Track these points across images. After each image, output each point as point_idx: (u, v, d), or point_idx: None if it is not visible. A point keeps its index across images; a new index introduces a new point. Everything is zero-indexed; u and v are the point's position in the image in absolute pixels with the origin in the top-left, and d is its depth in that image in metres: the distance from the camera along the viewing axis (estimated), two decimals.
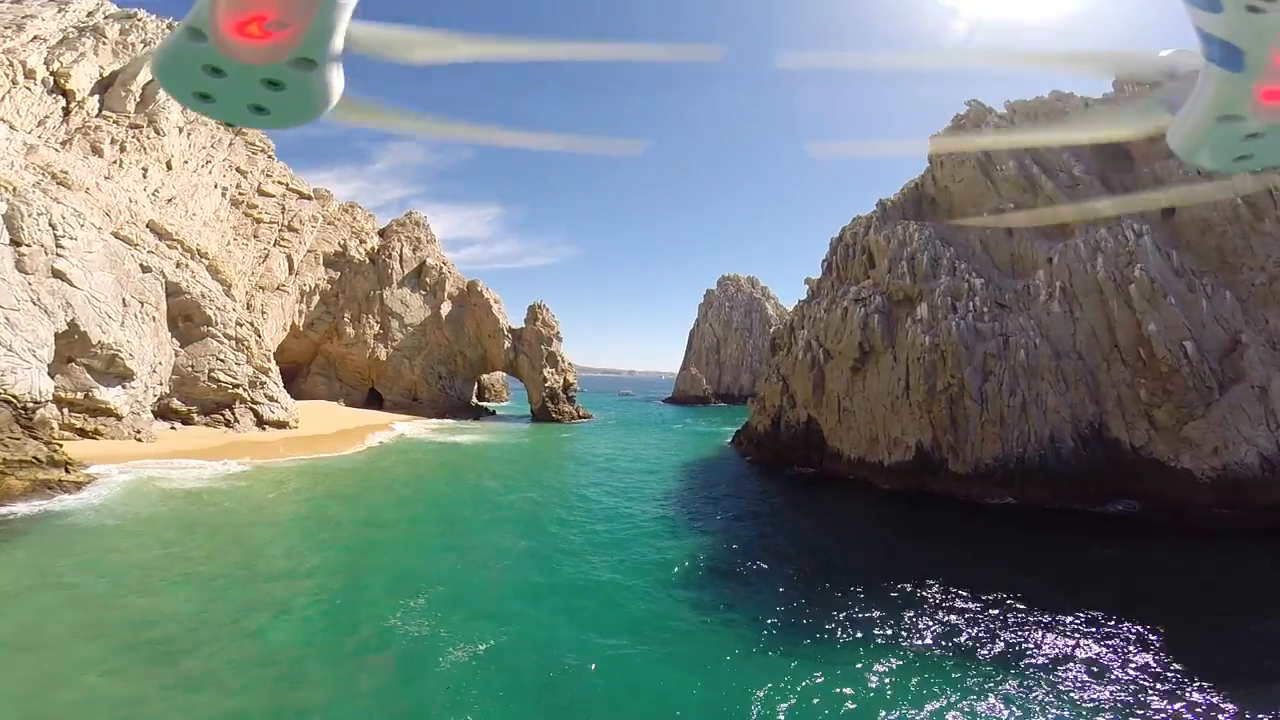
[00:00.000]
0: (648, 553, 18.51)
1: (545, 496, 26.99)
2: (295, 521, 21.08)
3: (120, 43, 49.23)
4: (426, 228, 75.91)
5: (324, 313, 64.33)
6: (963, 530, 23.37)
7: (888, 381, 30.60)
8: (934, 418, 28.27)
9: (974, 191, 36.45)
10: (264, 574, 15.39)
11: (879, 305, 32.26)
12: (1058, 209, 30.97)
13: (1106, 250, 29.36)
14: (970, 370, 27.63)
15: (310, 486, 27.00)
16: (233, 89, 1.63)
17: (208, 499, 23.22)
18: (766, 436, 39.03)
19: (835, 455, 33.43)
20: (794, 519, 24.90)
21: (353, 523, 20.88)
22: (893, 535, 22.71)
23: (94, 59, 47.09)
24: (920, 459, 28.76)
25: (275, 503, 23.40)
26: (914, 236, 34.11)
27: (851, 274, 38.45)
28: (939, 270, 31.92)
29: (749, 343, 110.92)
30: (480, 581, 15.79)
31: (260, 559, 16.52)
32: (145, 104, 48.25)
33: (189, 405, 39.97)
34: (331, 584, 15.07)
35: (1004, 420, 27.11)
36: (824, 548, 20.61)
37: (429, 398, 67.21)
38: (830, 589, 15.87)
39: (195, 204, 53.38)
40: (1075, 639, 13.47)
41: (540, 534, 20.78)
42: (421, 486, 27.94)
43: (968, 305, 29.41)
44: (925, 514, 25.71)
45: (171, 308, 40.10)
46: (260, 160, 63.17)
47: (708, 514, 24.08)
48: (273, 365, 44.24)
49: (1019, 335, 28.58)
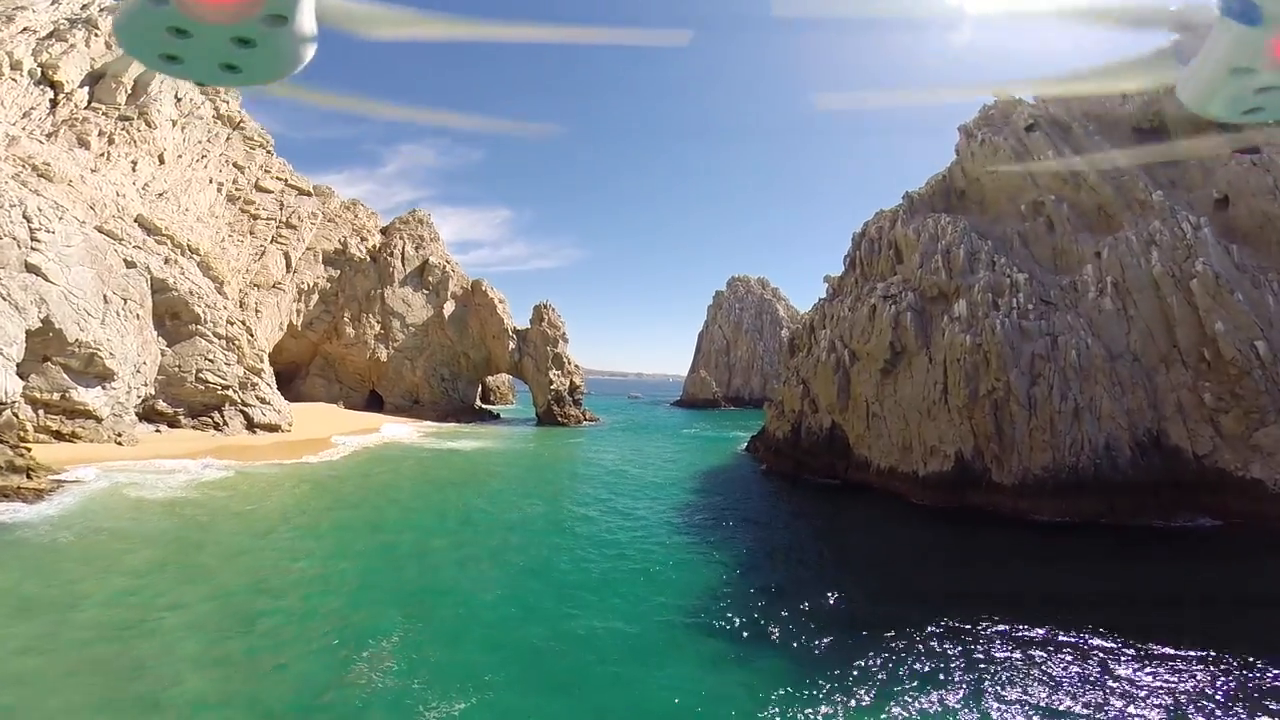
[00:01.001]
0: (664, 598, 15.46)
1: (539, 522, 22.94)
2: (243, 550, 18.73)
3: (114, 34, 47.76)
4: (430, 225, 74.02)
5: (323, 312, 62.43)
6: (1018, 550, 20.94)
7: (923, 385, 28.21)
8: (976, 424, 25.85)
9: (1010, 183, 34.05)
10: (182, 624, 12.43)
11: (911, 302, 29.88)
12: (1174, 145, 28.45)
13: (1162, 243, 26.93)
14: (1017, 373, 25.21)
15: (271, 497, 24.86)
16: (201, 49, 1.67)
17: (178, 510, 21.09)
18: (786, 443, 36.63)
19: (862, 464, 31.01)
20: (824, 541, 22.52)
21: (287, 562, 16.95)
22: (942, 559, 20.31)
23: (85, 51, 45.49)
24: (960, 469, 26.33)
25: (240, 519, 21.15)
26: (947, 229, 31.74)
27: (877, 270, 36.08)
28: (976, 265, 29.54)
29: (759, 345, 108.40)
30: (431, 666, 11.05)
31: (192, 596, 13.97)
32: (136, 96, 46.57)
33: (175, 407, 37.97)
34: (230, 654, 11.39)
35: (1054, 427, 24.66)
36: (864, 576, 18.27)
37: (431, 400, 65.15)
38: (881, 628, 13.51)
39: (188, 199, 51.58)
40: (1174, 681, 11.10)
41: (525, 580, 16.22)
42: (400, 505, 24.68)
43: (1011, 302, 27.01)
44: (971, 532, 23.28)
45: (157, 305, 38.16)
46: (258, 155, 61.45)
47: (729, 540, 21.64)
48: (265, 366, 42.23)
49: (1068, 335, 26.15)
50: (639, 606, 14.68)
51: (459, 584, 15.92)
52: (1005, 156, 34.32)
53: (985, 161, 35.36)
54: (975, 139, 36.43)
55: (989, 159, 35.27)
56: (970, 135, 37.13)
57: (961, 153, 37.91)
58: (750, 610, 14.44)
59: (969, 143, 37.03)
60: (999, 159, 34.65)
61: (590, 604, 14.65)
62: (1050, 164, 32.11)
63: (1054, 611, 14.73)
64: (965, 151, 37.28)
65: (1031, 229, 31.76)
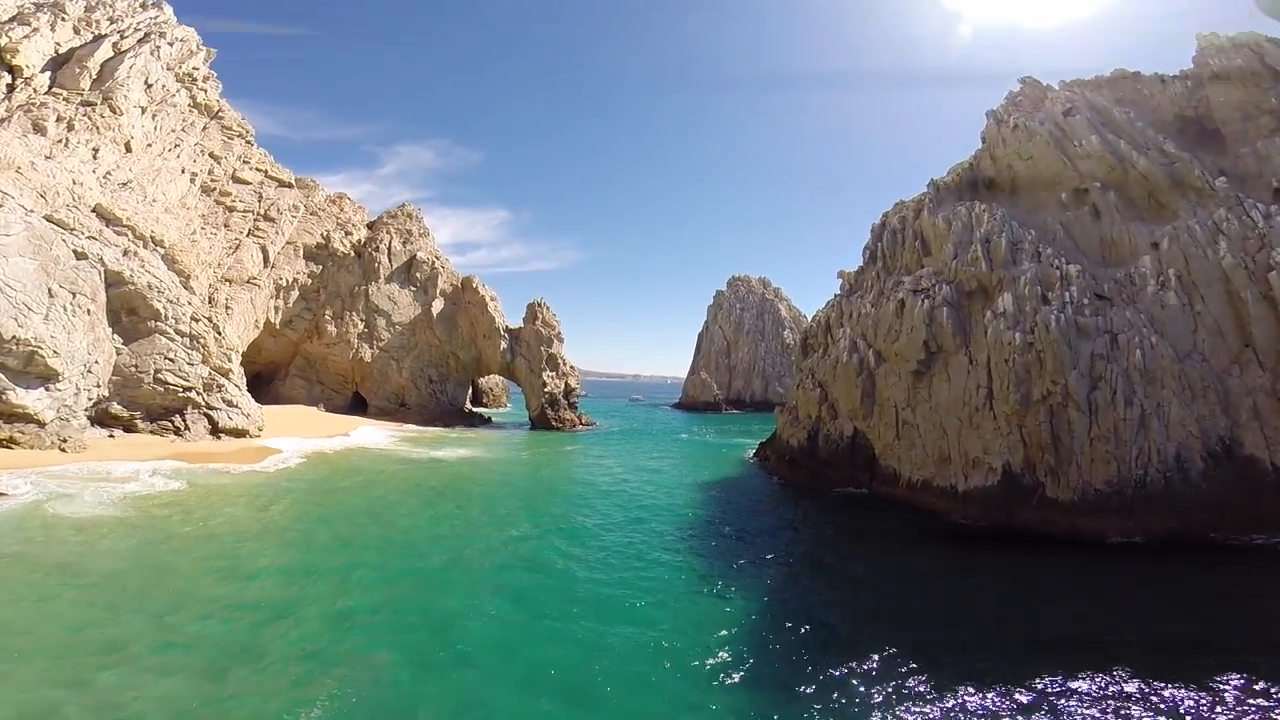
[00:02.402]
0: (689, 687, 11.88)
1: (513, 574, 16.96)
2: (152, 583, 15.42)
3: (84, 19, 44.43)
4: (420, 220, 70.64)
5: (303, 309, 58.92)
6: (1085, 578, 17.98)
7: (962, 388, 25.23)
8: (1028, 433, 22.87)
9: (1048, 170, 31.20)
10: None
11: (947, 296, 26.92)
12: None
13: (1231, 233, 24.10)
14: (1076, 375, 22.26)
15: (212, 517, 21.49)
16: None
17: (92, 531, 17.71)
18: (801, 452, 33.57)
19: (890, 477, 28.00)
20: (856, 572, 19.39)
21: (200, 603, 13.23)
22: (999, 591, 17.28)
23: (49, 35, 42.36)
24: (1007, 483, 23.34)
25: (162, 542, 17.80)
26: (983, 217, 28.84)
27: (902, 262, 33.15)
28: (1019, 256, 26.63)
29: (761, 346, 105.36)
30: None
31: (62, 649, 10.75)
32: (102, 81, 43.26)
33: (131, 410, 34.48)
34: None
35: (1119, 436, 21.74)
36: (909, 614, 15.16)
37: (418, 403, 61.74)
38: (941, 684, 10.44)
39: (157, 189, 48.05)
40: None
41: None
42: (321, 545, 18.53)
43: (1063, 296, 24.08)
44: (1026, 555, 20.28)
45: (112, 300, 34.70)
46: (237, 146, 58.01)
47: (747, 574, 18.53)
48: (234, 366, 38.76)
49: (1129, 332, 23.26)
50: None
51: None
52: (1042, 142, 31.50)
53: (1019, 148, 32.54)
54: (1007, 124, 33.60)
55: (1023, 145, 32.46)
56: (1001, 121, 34.30)
57: (990, 139, 35.07)
58: (789, 692, 11.32)
59: (999, 128, 34.19)
60: (1035, 145, 31.84)
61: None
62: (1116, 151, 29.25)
63: (1145, 658, 11.87)
64: (995, 137, 34.43)
65: (1075, 218, 28.91)
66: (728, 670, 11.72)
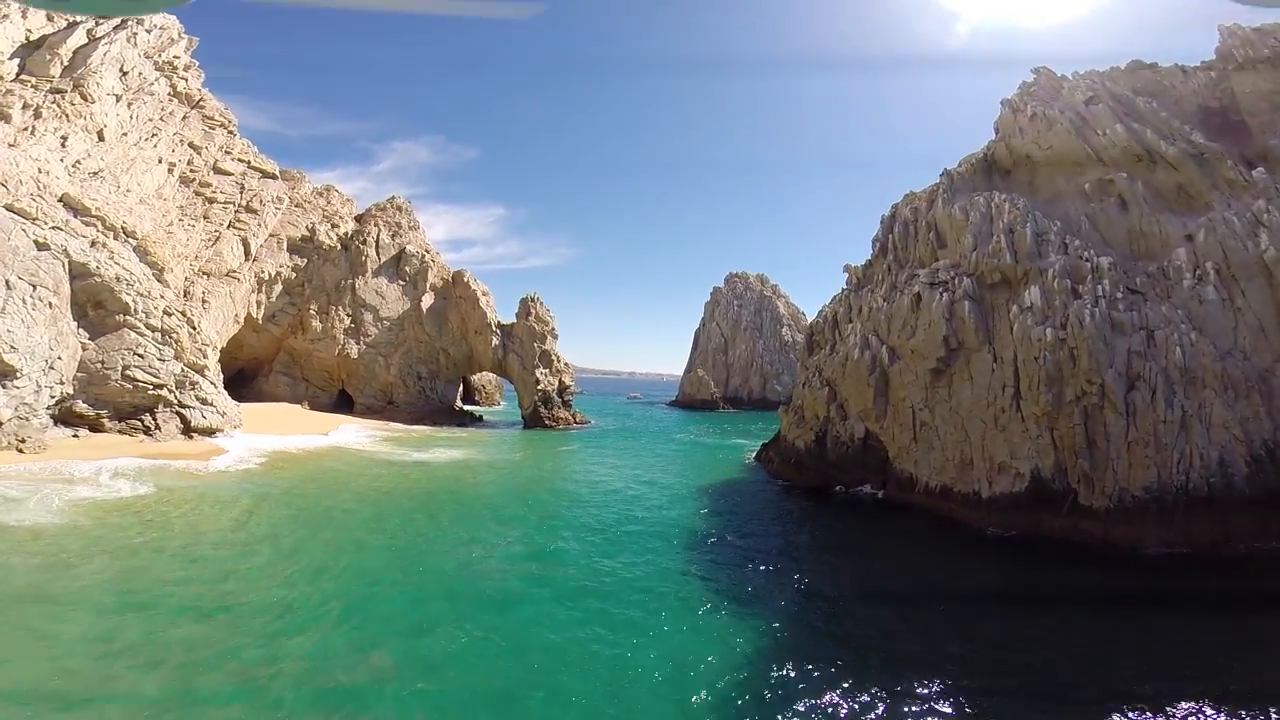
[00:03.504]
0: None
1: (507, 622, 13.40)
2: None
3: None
4: (409, 213, 68.47)
5: (287, 304, 56.71)
6: (1130, 594, 16.41)
7: (986, 388, 23.66)
8: (1060, 436, 21.33)
9: (1069, 160, 29.68)
10: None
11: (968, 289, 25.33)
12: None
13: (1272, 225, 22.66)
14: (1113, 374, 20.71)
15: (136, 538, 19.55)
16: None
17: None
18: (808, 455, 31.94)
19: (905, 481, 26.41)
20: (878, 589, 17.76)
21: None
22: (1045, 609, 15.62)
23: (19, 22, 40.39)
24: (1036, 490, 21.80)
25: (83, 561, 15.84)
26: (1004, 207, 27.28)
27: (915, 255, 31.56)
28: (1045, 247, 25.09)
29: (759, 343, 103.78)
30: None
31: None
32: (74, 68, 41.12)
33: (98, 409, 32.33)
34: None
35: (1159, 439, 20.23)
36: (944, 643, 13.51)
37: (406, 401, 59.69)
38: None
39: (131, 179, 45.77)
40: None
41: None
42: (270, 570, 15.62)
43: (1096, 290, 22.53)
44: (1061, 567, 18.72)
45: (78, 292, 32.52)
46: (218, 136, 55.73)
47: (761, 594, 16.85)
48: (209, 362, 36.67)
49: (1166, 329, 21.75)
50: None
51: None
52: (1063, 131, 29.98)
53: (1038, 136, 31.01)
54: (1024, 113, 32.08)
55: (1042, 134, 30.93)
56: (1017, 109, 32.76)
57: (1005, 128, 33.53)
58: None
59: (1015, 117, 32.66)
60: (1055, 134, 30.31)
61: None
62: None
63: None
64: (1011, 126, 32.88)
65: (1100, 209, 27.39)
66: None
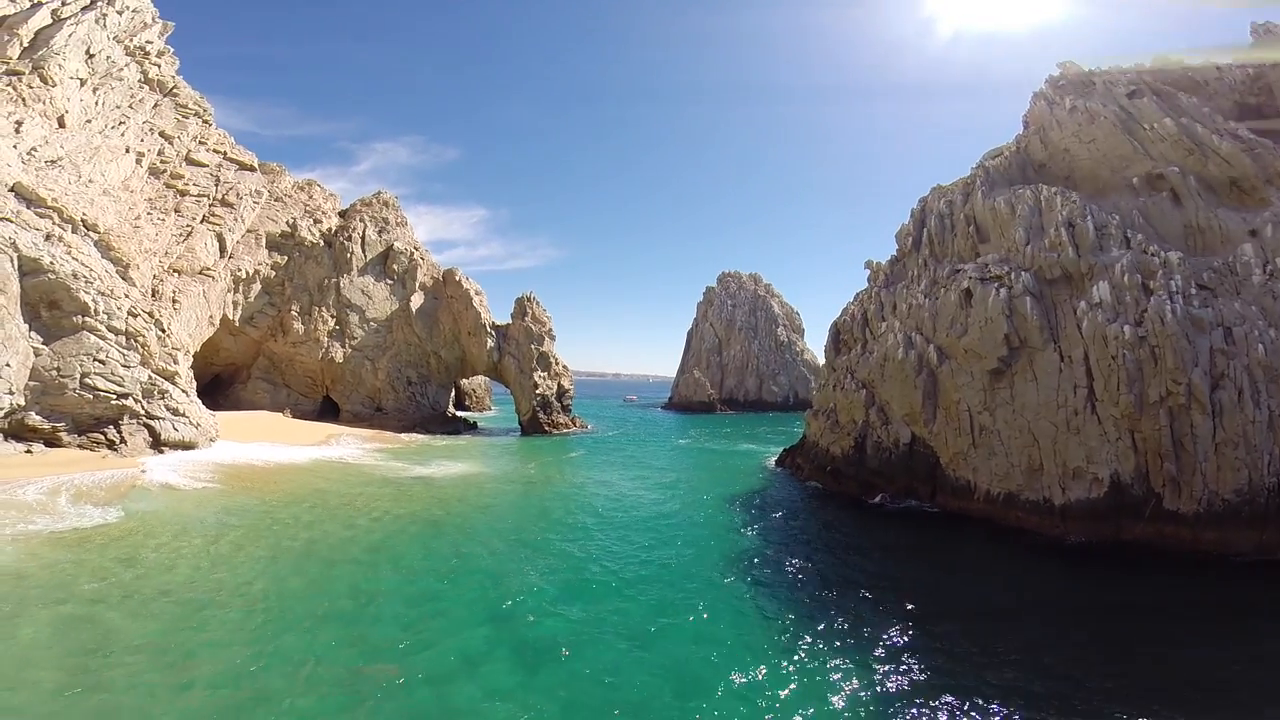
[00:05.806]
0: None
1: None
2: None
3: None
4: (397, 209, 64.98)
5: (266, 304, 52.88)
6: (1240, 603, 14.81)
7: (1054, 389, 22.08)
8: (1142, 438, 19.83)
9: (1113, 154, 28.54)
10: None
11: (1027, 285, 23.76)
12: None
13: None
14: (1199, 372, 19.27)
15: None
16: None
17: None
18: (847, 462, 30.10)
19: (962, 489, 24.72)
20: (972, 604, 15.86)
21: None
22: (1166, 627, 13.84)
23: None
24: (1115, 495, 20.25)
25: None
26: (1056, 200, 25.89)
27: (953, 249, 30.06)
28: (1107, 242, 23.70)
29: (754, 344, 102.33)
30: None
31: None
32: (35, 49, 37.29)
33: (54, 421, 28.72)
34: None
35: (1248, 440, 18.86)
36: (1040, 654, 11.62)
37: (395, 406, 56.31)
38: None
39: (95, 169, 41.79)
40: None
41: None
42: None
43: (1167, 286, 21.15)
44: (1153, 577, 17.10)
45: (29, 291, 28.88)
46: (192, 125, 51.74)
47: (863, 620, 14.77)
48: (181, 368, 33.19)
49: (1243, 326, 20.46)
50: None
51: None
52: (1107, 124, 28.83)
53: (1079, 130, 29.83)
54: (1061, 105, 30.95)
55: (1083, 127, 29.77)
56: (1053, 102, 31.63)
57: (1039, 121, 32.41)
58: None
59: (1051, 110, 31.53)
60: (1099, 127, 29.16)
61: None
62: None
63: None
64: (1046, 119, 31.73)
65: (1152, 203, 26.20)
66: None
